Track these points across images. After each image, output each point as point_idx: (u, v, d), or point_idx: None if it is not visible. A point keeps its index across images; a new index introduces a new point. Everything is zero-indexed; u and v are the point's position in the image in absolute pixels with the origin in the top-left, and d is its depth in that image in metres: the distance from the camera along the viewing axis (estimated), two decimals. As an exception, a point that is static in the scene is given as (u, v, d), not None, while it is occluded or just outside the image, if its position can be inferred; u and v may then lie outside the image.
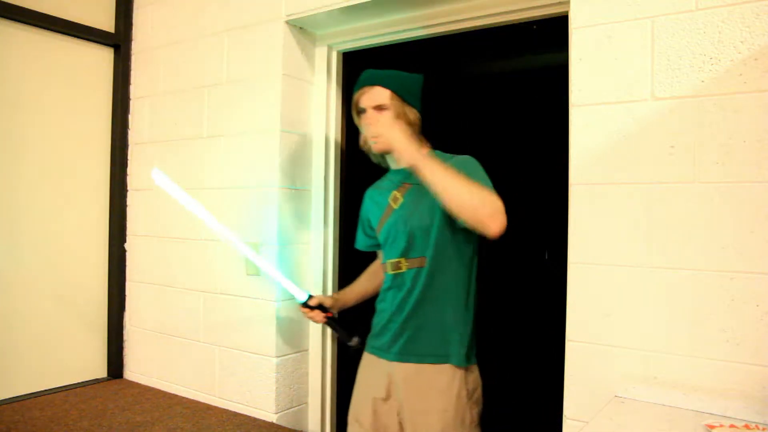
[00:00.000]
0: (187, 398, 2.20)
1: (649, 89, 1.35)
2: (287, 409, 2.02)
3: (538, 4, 1.64)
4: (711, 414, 1.22)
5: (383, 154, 1.67)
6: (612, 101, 1.39)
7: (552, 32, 1.87)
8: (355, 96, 1.65)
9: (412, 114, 1.62)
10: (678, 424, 1.17)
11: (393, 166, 1.70)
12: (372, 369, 1.67)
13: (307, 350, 2.11)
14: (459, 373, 1.53)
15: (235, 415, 2.03)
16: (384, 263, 1.68)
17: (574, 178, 1.44)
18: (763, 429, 1.11)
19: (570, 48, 1.47)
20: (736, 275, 1.24)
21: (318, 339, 2.10)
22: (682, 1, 1.31)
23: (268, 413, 1.99)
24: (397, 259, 1.62)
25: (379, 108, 1.60)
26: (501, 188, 1.45)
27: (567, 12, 1.51)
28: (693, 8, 1.30)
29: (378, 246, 1.73)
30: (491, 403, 1.35)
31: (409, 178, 1.61)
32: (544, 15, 1.66)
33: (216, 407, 2.10)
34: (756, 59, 1.23)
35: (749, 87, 1.24)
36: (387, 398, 1.61)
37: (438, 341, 1.55)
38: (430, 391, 1.53)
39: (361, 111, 1.65)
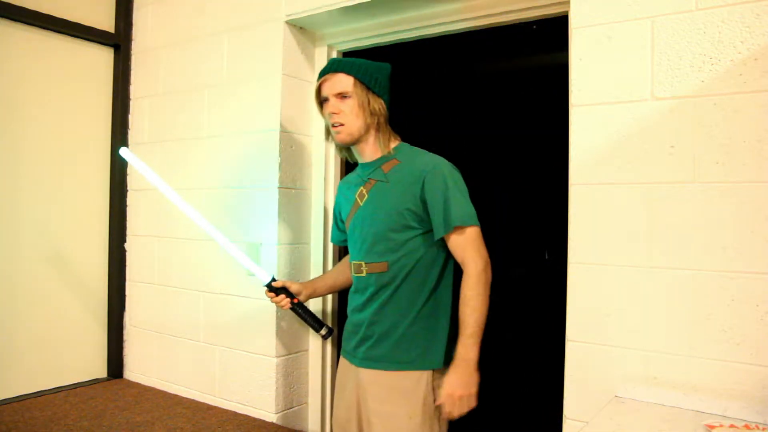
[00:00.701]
0: (187, 398, 2.20)
1: (649, 89, 1.35)
2: (287, 409, 2.02)
3: (538, 4, 1.64)
4: (711, 414, 1.22)
5: (348, 147, 1.61)
6: (612, 101, 1.39)
7: (552, 32, 1.87)
8: (317, 84, 1.59)
9: (377, 103, 1.54)
10: (678, 424, 1.17)
11: (360, 160, 1.64)
12: (344, 374, 1.65)
13: (307, 350, 2.11)
14: (424, 378, 1.49)
15: (235, 415, 2.03)
16: (349, 263, 1.64)
17: (574, 178, 1.44)
18: (763, 429, 1.11)
19: (570, 48, 1.47)
20: (736, 275, 1.24)
21: (318, 339, 2.10)
22: (682, 1, 1.31)
23: (268, 413, 1.99)
24: (358, 262, 1.57)
25: (342, 96, 1.53)
26: (501, 189, 1.44)
27: (567, 12, 1.51)
28: (693, 8, 1.30)
29: None
30: (492, 404, 1.35)
31: (375, 173, 1.56)
32: (544, 15, 1.66)
33: (216, 407, 2.10)
34: (756, 59, 1.23)
35: (749, 87, 1.24)
36: (357, 403, 1.57)
37: (403, 348, 1.50)
38: (395, 396, 1.49)
39: (323, 100, 1.58)
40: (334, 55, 2.14)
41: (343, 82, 1.53)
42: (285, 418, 2.01)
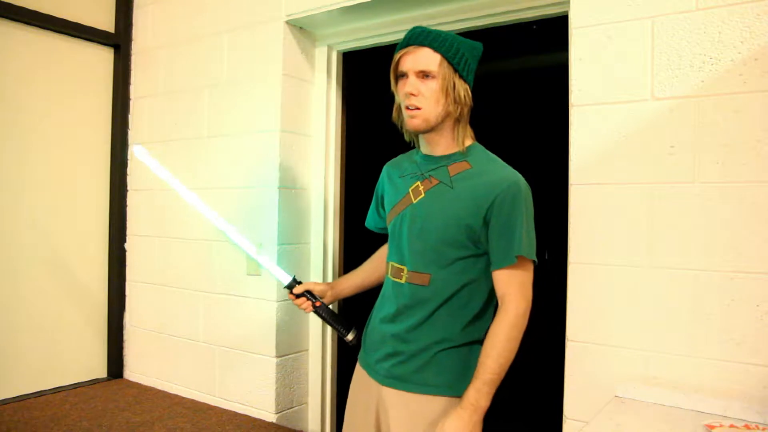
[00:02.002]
0: (187, 398, 2.20)
1: (649, 89, 1.35)
2: (287, 409, 2.02)
3: (538, 4, 1.64)
4: (711, 414, 1.22)
5: (417, 133, 1.39)
6: (612, 101, 1.39)
7: (552, 32, 1.87)
8: (397, 56, 1.34)
9: (463, 89, 1.31)
10: (678, 424, 1.17)
11: (424, 150, 1.42)
12: (362, 387, 1.46)
13: (307, 350, 2.11)
14: (454, 405, 1.30)
15: (235, 415, 2.03)
16: (387, 262, 1.46)
17: (574, 178, 1.44)
18: (763, 429, 1.11)
19: (570, 48, 1.47)
20: (736, 275, 1.24)
21: (318, 339, 2.10)
22: (682, 1, 1.31)
23: (268, 413, 1.99)
24: (399, 266, 1.39)
25: (424, 75, 1.30)
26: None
27: (567, 12, 1.51)
28: (693, 8, 1.30)
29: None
30: (491, 403, 1.34)
31: (439, 172, 1.36)
32: (544, 15, 1.66)
33: (216, 407, 2.10)
34: (756, 59, 1.23)
35: (749, 87, 1.24)
36: (377, 424, 1.41)
37: (432, 371, 1.33)
38: (421, 423, 1.32)
39: (400, 75, 1.34)
40: (334, 55, 2.13)
41: (429, 58, 1.29)
42: (285, 418, 2.01)
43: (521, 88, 3.93)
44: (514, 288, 1.29)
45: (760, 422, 1.16)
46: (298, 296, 1.55)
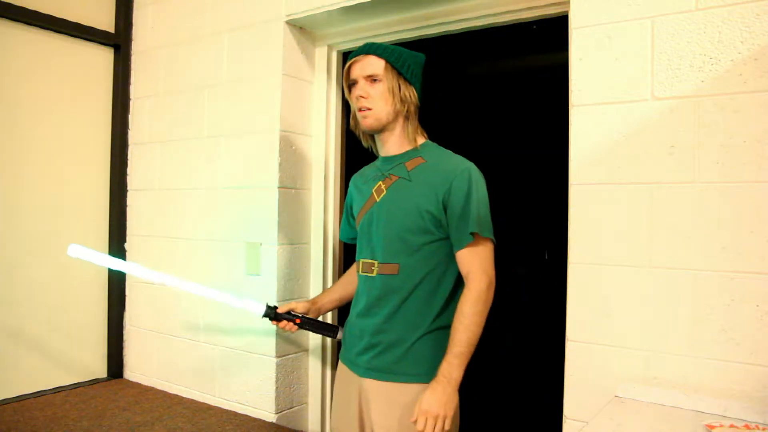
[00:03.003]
0: (187, 398, 2.20)
1: (649, 89, 1.35)
2: (287, 409, 2.02)
3: (538, 4, 1.64)
4: (711, 414, 1.22)
5: (373, 135, 1.53)
6: (612, 101, 1.39)
7: (552, 32, 1.87)
8: (346, 66, 1.51)
9: (408, 90, 1.46)
10: (678, 424, 1.17)
11: (382, 152, 1.55)
12: (345, 382, 1.55)
13: (307, 350, 2.11)
14: None
15: (235, 415, 2.03)
16: (357, 261, 1.55)
17: (574, 178, 1.44)
18: (763, 429, 1.11)
19: (570, 48, 1.47)
20: (736, 275, 1.24)
21: (318, 339, 2.10)
22: (682, 1, 1.31)
23: (268, 413, 1.99)
24: (369, 261, 1.48)
25: (372, 79, 1.45)
26: (501, 189, 1.44)
27: (567, 12, 1.51)
28: (693, 8, 1.30)
29: None
30: (492, 404, 1.34)
31: (397, 169, 1.48)
32: (544, 15, 1.66)
33: (216, 407, 2.10)
34: (756, 59, 1.23)
35: (749, 87, 1.24)
36: (360, 416, 1.49)
37: (411, 360, 1.41)
38: (402, 410, 1.40)
39: (351, 83, 1.50)
40: (334, 55, 2.14)
41: (374, 64, 1.45)
42: (285, 418, 2.01)
43: (521, 88, 3.93)
44: (475, 266, 1.39)
45: (760, 422, 1.16)
46: (279, 319, 1.63)
